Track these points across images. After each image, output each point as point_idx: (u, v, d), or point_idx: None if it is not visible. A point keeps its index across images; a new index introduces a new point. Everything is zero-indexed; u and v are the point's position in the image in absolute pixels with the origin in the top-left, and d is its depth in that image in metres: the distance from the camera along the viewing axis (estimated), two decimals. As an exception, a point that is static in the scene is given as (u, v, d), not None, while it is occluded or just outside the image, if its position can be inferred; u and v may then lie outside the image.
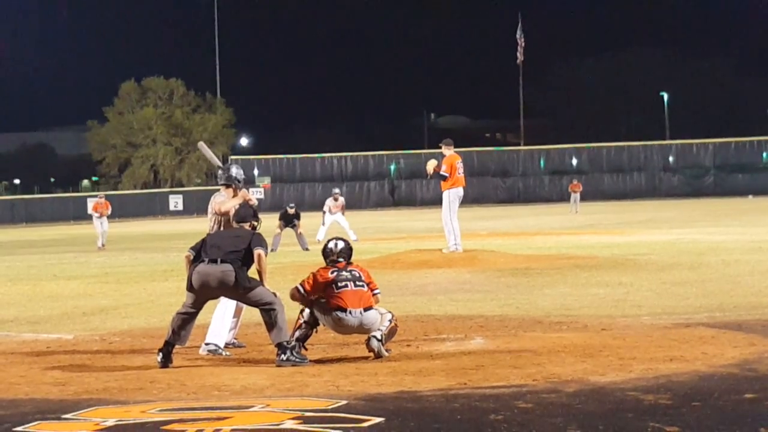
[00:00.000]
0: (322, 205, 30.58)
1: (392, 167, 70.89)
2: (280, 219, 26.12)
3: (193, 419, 6.15)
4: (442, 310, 12.13)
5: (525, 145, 77.32)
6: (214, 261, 8.63)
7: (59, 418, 6.40)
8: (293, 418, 6.09)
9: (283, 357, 8.41)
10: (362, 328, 8.79)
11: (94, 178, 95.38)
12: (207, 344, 9.20)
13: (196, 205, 61.15)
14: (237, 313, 9.54)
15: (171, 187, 79.01)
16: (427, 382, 7.38)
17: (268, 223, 13.95)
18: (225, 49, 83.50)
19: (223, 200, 9.68)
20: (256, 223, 9.20)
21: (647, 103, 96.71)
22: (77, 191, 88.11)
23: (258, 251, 8.70)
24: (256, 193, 61.48)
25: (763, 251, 19.48)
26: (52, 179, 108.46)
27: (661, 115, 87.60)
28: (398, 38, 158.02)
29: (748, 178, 66.03)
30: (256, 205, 9.64)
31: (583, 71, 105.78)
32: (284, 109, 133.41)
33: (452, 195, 18.70)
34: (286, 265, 18.84)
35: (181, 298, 9.00)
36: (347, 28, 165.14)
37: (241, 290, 8.63)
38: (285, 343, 8.46)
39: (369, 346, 8.68)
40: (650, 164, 69.19)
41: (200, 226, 14.71)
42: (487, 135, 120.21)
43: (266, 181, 69.11)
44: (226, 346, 9.33)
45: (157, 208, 66.21)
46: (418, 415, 6.10)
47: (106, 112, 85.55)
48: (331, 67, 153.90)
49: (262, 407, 6.50)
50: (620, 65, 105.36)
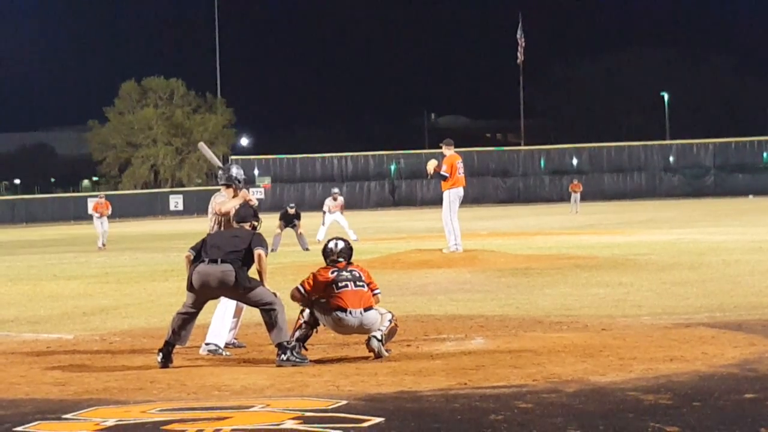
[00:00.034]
0: (322, 206, 30.60)
1: (392, 167, 70.85)
2: (281, 219, 26.13)
3: (194, 419, 6.15)
4: (443, 310, 12.13)
5: (525, 145, 77.31)
6: (214, 261, 8.63)
7: (59, 418, 6.40)
8: (293, 418, 6.09)
9: (284, 357, 8.41)
10: (362, 328, 8.79)
11: (95, 178, 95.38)
12: (207, 344, 9.20)
13: (196, 205, 61.14)
14: (237, 314, 9.54)
15: (171, 187, 78.98)
16: (428, 382, 7.38)
17: (269, 223, 13.95)
18: (225, 49, 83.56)
19: (223, 200, 9.67)
20: (257, 223, 9.19)
21: (647, 103, 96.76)
22: (77, 191, 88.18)
23: (258, 251, 8.71)
24: (257, 193, 61.46)
25: (764, 251, 19.48)
26: (53, 179, 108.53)
27: (662, 115, 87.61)
28: (399, 38, 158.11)
29: (749, 178, 66.00)
30: (257, 206, 9.64)
31: (584, 71, 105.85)
32: (284, 109, 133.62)
33: (452, 195, 18.70)
34: (286, 265, 18.84)
35: (182, 298, 9.00)
36: (348, 28, 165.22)
37: (242, 290, 8.63)
38: (285, 343, 8.46)
39: (369, 346, 8.68)
40: (650, 164, 69.15)
41: (200, 226, 14.70)
42: (488, 135, 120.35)
43: (266, 181, 69.07)
44: (227, 346, 9.33)
45: (157, 208, 66.19)
46: (419, 415, 6.10)
47: (107, 112, 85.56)
48: (332, 67, 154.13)
49: (263, 407, 6.50)
50: (620, 65, 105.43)
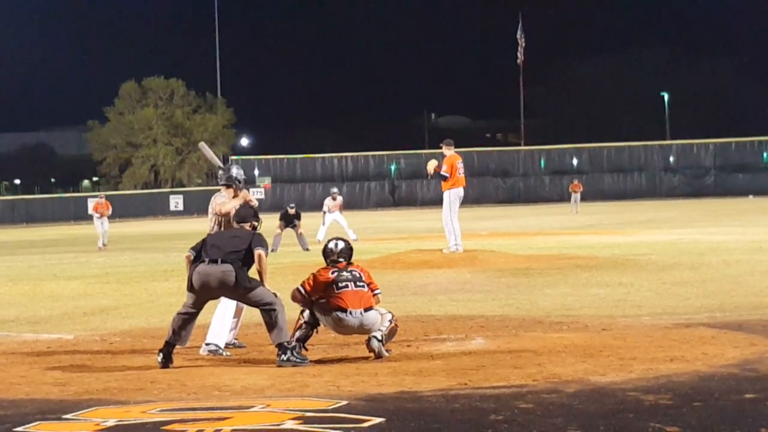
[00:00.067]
0: (322, 206, 30.61)
1: (393, 167, 70.85)
2: (281, 219, 26.14)
3: (194, 419, 6.15)
4: (443, 310, 12.13)
5: (525, 145, 77.30)
6: (214, 261, 8.63)
7: (60, 419, 6.40)
8: (294, 419, 6.09)
9: (284, 357, 8.41)
10: (362, 329, 8.79)
11: (95, 179, 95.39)
12: (207, 344, 9.20)
13: (196, 206, 61.14)
14: (237, 314, 9.54)
15: (171, 187, 79.00)
16: (428, 382, 7.38)
17: (269, 224, 13.95)
18: (225, 50, 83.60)
19: (223, 201, 9.67)
20: (257, 224, 9.20)
21: (648, 103, 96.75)
22: (78, 191, 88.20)
23: (258, 251, 8.71)
24: (257, 194, 61.46)
25: (764, 251, 19.47)
26: (53, 179, 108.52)
27: (662, 115, 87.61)
28: (399, 38, 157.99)
29: (749, 178, 65.99)
30: (257, 206, 9.64)
31: (584, 71, 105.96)
32: (285, 110, 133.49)
33: (453, 195, 18.70)
34: (286, 266, 18.84)
35: (182, 299, 9.00)
36: (348, 28, 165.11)
37: (242, 290, 8.63)
38: (285, 344, 8.46)
39: (369, 347, 8.68)
40: (651, 164, 69.15)
41: (201, 227, 14.70)
42: (488, 135, 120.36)
43: (267, 182, 69.07)
44: (227, 346, 9.33)
45: (157, 209, 66.19)
46: (419, 416, 6.10)
47: (107, 113, 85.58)
48: (332, 67, 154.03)
49: (263, 407, 6.50)
50: (621, 65, 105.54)
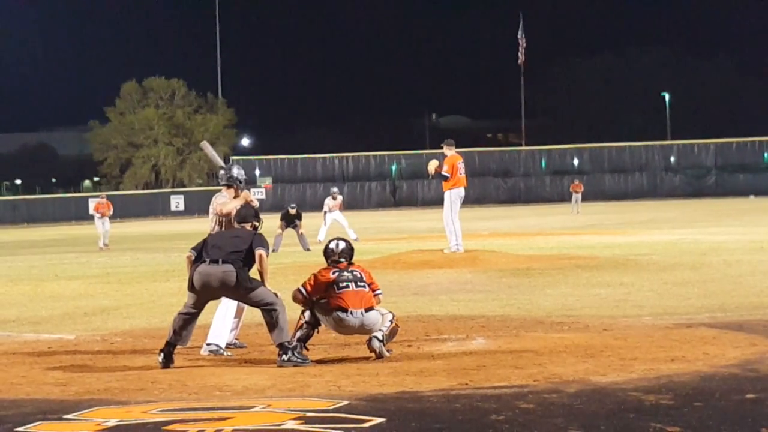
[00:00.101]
0: (323, 206, 30.61)
1: (393, 167, 70.84)
2: (282, 219, 26.15)
3: (195, 419, 6.15)
4: (444, 310, 12.13)
5: (526, 146, 77.30)
6: (215, 261, 8.63)
7: (61, 419, 6.40)
8: (295, 419, 6.09)
9: (285, 357, 8.41)
10: (363, 329, 8.79)
11: (96, 179, 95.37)
12: (208, 344, 9.20)
13: (197, 206, 61.15)
14: (238, 314, 9.54)
15: (172, 187, 78.98)
16: (429, 382, 7.38)
17: (270, 224, 13.96)
18: (226, 50, 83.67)
19: (224, 201, 9.67)
20: (257, 224, 9.20)
21: (649, 104, 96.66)
22: (79, 191, 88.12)
23: (259, 251, 8.71)
24: (258, 194, 61.47)
25: (765, 251, 19.47)
26: (54, 179, 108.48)
27: (663, 115, 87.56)
28: (399, 38, 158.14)
29: (750, 178, 65.96)
30: (258, 206, 9.64)
31: (585, 71, 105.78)
32: (286, 110, 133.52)
33: (454, 195, 18.70)
34: (287, 266, 18.84)
35: (183, 299, 9.00)
36: (349, 28, 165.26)
37: (243, 290, 8.63)
38: (286, 344, 8.46)
39: (370, 347, 8.68)
40: (652, 164, 69.13)
41: (201, 227, 14.72)
42: (489, 135, 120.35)
43: (268, 182, 69.07)
44: (228, 346, 9.33)
45: (158, 209, 66.21)
46: (420, 416, 6.10)
47: (108, 113, 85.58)
48: (333, 68, 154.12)
49: (264, 407, 6.50)
50: (621, 65, 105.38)
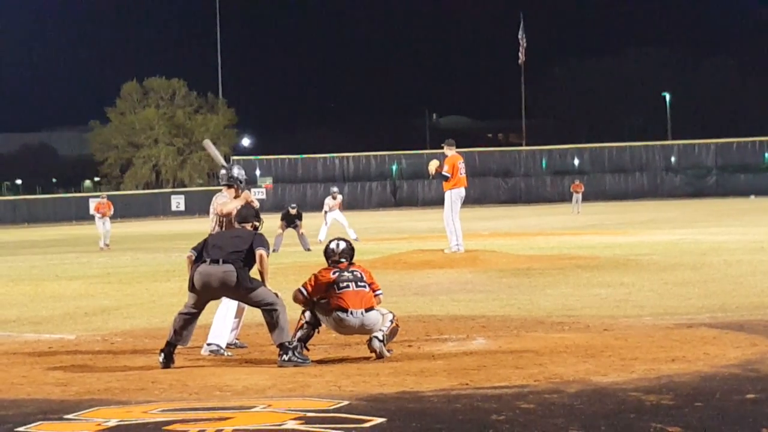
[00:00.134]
0: (323, 206, 30.61)
1: (394, 167, 70.83)
2: (282, 219, 26.15)
3: (195, 419, 6.15)
4: (444, 310, 12.12)
5: (527, 146, 77.28)
6: (215, 261, 8.63)
7: (61, 419, 6.40)
8: (295, 419, 6.09)
9: (285, 357, 8.41)
10: (363, 329, 8.79)
11: (96, 179, 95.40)
12: (209, 345, 9.20)
13: (198, 206, 61.17)
14: (239, 314, 9.54)
15: (173, 187, 79.01)
16: (429, 382, 7.38)
17: (270, 224, 13.96)
18: (227, 50, 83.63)
19: (225, 201, 9.67)
20: (258, 224, 9.20)
21: (649, 103, 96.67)
22: (79, 191, 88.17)
23: (260, 251, 8.71)
24: (258, 194, 61.46)
25: (766, 251, 19.46)
26: (54, 179, 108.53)
27: (663, 115, 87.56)
28: (400, 38, 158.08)
29: (750, 179, 65.92)
30: (258, 207, 9.64)
31: (585, 71, 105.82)
32: (286, 110, 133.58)
33: (454, 195, 18.71)
34: (287, 266, 18.83)
35: (183, 299, 9.00)
36: (350, 28, 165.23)
37: (243, 291, 8.63)
38: (287, 344, 8.45)
39: (371, 347, 8.68)
40: (652, 164, 69.09)
41: (202, 227, 14.73)
42: (489, 135, 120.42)
43: (268, 182, 69.07)
44: (228, 346, 9.33)
45: (159, 209, 66.21)
46: (420, 416, 6.10)
47: (108, 113, 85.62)
48: (333, 68, 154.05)
49: (264, 408, 6.50)
50: (622, 65, 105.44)
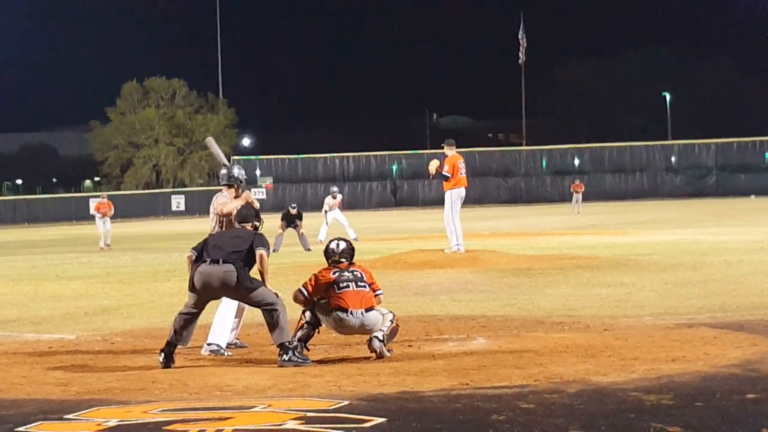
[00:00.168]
0: (323, 206, 30.60)
1: (394, 167, 70.83)
2: (282, 219, 26.15)
3: (195, 419, 6.15)
4: (444, 310, 12.13)
5: (527, 145, 77.29)
6: (216, 261, 8.63)
7: (61, 419, 6.40)
8: (295, 419, 6.09)
9: (285, 357, 8.41)
10: (363, 329, 8.79)
11: (97, 179, 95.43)
12: (209, 344, 9.20)
13: (198, 206, 61.18)
14: (239, 314, 9.54)
15: (173, 187, 79.02)
16: (429, 382, 7.38)
17: (270, 224, 13.96)
18: (227, 50, 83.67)
19: (225, 201, 9.68)
20: (258, 224, 9.20)
21: (649, 103, 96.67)
22: (79, 191, 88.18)
23: (260, 251, 8.71)
24: (258, 194, 61.46)
25: (766, 251, 19.46)
26: (55, 179, 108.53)
27: (663, 115, 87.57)
28: (400, 38, 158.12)
29: (751, 179, 65.91)
30: (258, 207, 9.64)
31: (585, 71, 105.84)
32: (286, 110, 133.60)
33: (454, 195, 18.71)
34: (287, 266, 18.83)
35: (183, 299, 9.00)
36: (350, 28, 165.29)
37: (243, 290, 8.63)
38: (287, 344, 8.46)
39: (371, 347, 8.68)
40: (652, 164, 69.08)
41: (202, 227, 14.74)
42: (489, 135, 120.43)
43: (268, 182, 69.07)
44: (228, 346, 9.33)
45: (159, 209, 66.22)
46: (420, 416, 6.10)
47: (109, 113, 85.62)
48: (333, 68, 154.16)
49: (264, 407, 6.50)
50: (622, 65, 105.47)
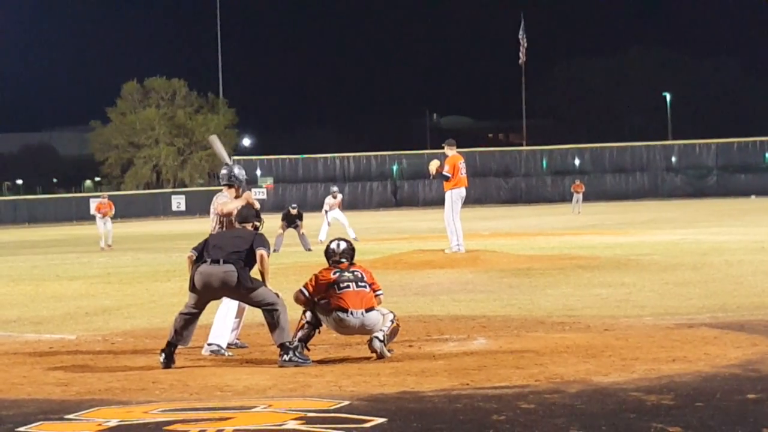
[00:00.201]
0: (323, 206, 30.60)
1: (395, 167, 70.82)
2: (283, 219, 26.15)
3: (196, 420, 6.16)
4: (445, 310, 12.13)
5: (527, 146, 77.28)
6: (216, 261, 8.63)
7: (62, 419, 6.40)
8: (296, 419, 6.09)
9: (286, 357, 8.41)
10: (364, 329, 8.79)
11: (97, 179, 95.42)
12: (209, 345, 9.20)
13: (198, 206, 61.15)
14: (239, 314, 9.54)
15: (173, 187, 78.96)
16: (430, 382, 7.38)
17: (271, 224, 13.96)
18: (227, 50, 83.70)
19: (225, 201, 9.68)
20: (258, 224, 9.20)
21: (650, 103, 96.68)
22: (80, 191, 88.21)
23: (260, 251, 8.71)
24: (259, 194, 61.45)
25: (766, 251, 19.46)
26: (55, 180, 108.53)
27: (664, 115, 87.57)
28: (401, 38, 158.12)
29: (751, 179, 65.91)
30: (259, 207, 9.64)
31: (586, 71, 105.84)
32: (287, 110, 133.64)
33: (455, 195, 18.71)
34: (288, 266, 18.83)
35: (184, 299, 9.01)
36: (350, 28, 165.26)
37: (244, 291, 8.63)
38: (287, 344, 8.46)
39: (371, 347, 8.68)
40: (653, 164, 69.07)
41: (202, 227, 14.73)
42: (490, 135, 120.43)
43: (269, 182, 69.06)
44: (229, 346, 9.33)
45: (159, 209, 66.20)
46: (421, 416, 6.10)
47: (109, 113, 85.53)
48: (334, 68, 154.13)
49: (265, 408, 6.50)
50: (622, 65, 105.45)
